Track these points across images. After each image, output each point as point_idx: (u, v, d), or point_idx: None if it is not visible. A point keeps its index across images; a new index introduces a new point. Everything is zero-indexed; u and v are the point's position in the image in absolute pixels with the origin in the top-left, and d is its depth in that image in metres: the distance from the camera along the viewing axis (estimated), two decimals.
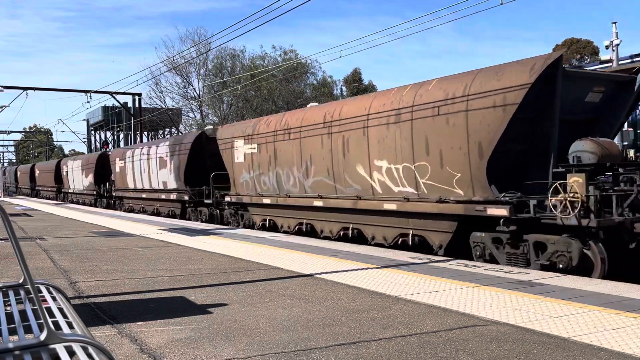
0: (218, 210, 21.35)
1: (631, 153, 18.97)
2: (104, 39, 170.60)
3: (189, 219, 23.25)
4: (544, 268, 9.30)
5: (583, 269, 9.03)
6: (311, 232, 15.63)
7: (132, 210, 30.00)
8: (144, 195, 28.07)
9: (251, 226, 18.60)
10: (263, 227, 17.72)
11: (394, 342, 4.90)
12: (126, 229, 17.37)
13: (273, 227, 17.37)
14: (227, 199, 19.58)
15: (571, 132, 10.08)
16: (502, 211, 9.75)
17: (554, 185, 9.27)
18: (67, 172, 43.68)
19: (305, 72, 57.18)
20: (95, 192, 36.29)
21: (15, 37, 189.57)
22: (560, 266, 9.16)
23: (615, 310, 5.91)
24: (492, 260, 10.27)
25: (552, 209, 9.23)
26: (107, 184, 34.59)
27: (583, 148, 9.45)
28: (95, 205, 36.13)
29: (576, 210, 8.90)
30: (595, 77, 10.83)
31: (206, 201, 21.71)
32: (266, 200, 17.22)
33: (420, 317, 5.77)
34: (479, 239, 10.61)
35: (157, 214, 26.55)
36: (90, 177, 36.76)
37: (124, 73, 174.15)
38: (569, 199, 9.03)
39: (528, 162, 10.35)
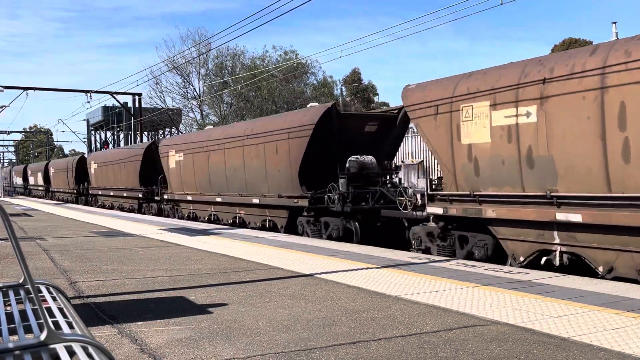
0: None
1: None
2: (104, 39, 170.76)
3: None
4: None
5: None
6: None
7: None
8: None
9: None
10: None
11: (394, 342, 4.90)
12: (126, 229, 17.37)
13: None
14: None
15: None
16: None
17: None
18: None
19: (305, 72, 57.19)
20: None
21: (15, 37, 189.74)
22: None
23: (615, 310, 5.91)
24: None
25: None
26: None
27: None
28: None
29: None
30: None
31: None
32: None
33: (420, 317, 5.78)
34: None
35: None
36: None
37: (124, 73, 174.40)
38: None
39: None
